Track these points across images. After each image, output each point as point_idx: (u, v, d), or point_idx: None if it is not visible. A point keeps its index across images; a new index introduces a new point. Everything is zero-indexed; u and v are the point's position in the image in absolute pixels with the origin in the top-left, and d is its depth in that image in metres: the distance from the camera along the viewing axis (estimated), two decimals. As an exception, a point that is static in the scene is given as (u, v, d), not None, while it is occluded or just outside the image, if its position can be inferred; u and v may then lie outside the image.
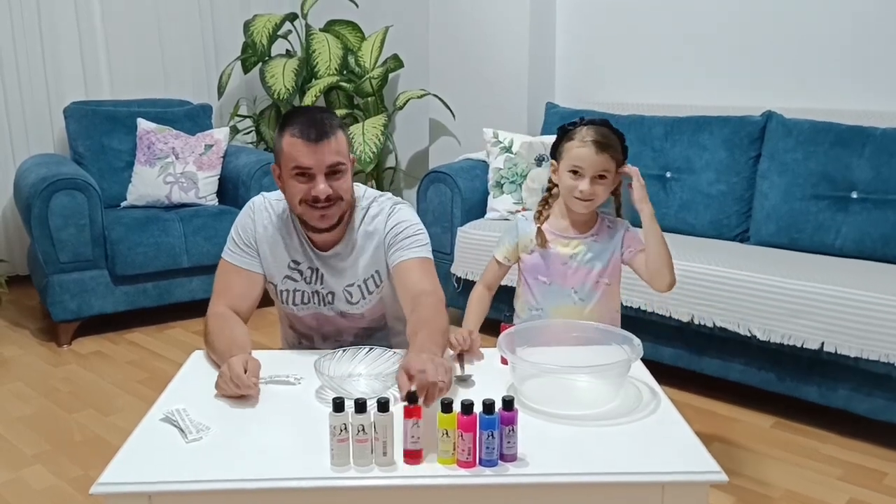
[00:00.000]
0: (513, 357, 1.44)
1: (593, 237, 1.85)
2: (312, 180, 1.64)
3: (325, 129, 1.63)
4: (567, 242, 1.86)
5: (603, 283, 1.86)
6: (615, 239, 1.86)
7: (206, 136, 3.78)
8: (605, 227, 1.87)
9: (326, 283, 1.78)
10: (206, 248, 3.49)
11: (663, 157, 3.19)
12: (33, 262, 3.51)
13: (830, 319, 2.33)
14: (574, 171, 1.79)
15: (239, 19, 4.50)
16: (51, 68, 4.04)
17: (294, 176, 1.65)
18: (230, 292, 1.76)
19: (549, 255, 1.86)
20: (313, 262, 1.78)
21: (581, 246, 1.84)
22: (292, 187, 1.67)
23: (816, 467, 2.29)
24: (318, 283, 1.79)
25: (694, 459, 1.26)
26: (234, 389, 1.45)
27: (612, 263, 1.86)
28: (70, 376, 3.00)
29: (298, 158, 1.63)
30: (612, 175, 1.81)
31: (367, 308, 1.81)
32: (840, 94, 3.05)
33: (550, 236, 1.86)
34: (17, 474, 2.28)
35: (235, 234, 1.80)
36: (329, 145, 1.63)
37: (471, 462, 1.22)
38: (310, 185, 1.64)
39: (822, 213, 2.76)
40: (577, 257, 1.84)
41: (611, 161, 1.79)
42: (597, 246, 1.85)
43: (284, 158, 1.66)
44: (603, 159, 1.77)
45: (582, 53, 3.83)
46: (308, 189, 1.64)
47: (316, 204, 1.65)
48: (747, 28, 3.27)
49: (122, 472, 1.22)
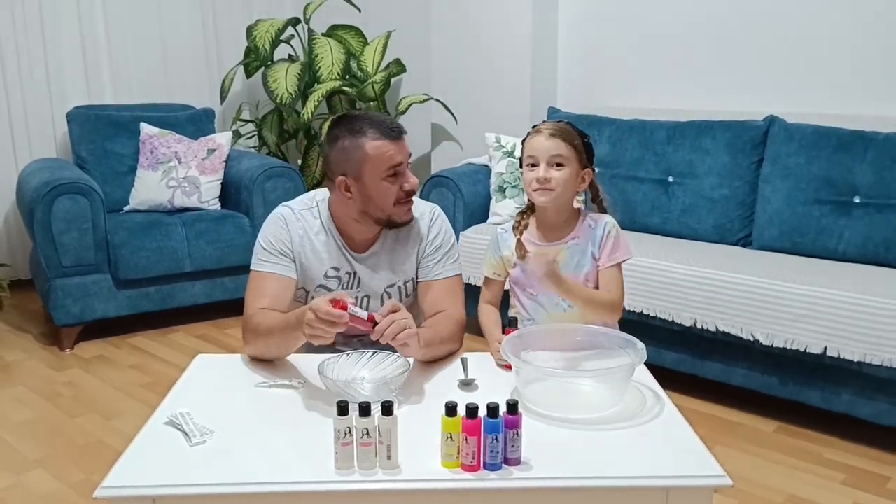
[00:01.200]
0: (517, 361, 1.44)
1: (574, 240, 1.78)
2: (402, 176, 1.70)
3: (398, 125, 1.71)
4: (545, 251, 1.77)
5: (590, 286, 1.78)
6: (596, 238, 1.77)
7: (208, 140, 3.79)
8: (587, 227, 1.79)
9: (364, 286, 1.80)
10: (209, 253, 3.49)
11: (666, 161, 3.19)
12: (36, 266, 3.51)
13: (833, 324, 2.33)
14: (531, 165, 1.74)
15: (241, 24, 4.51)
16: (54, 73, 4.05)
17: (387, 177, 1.69)
18: (266, 296, 1.72)
19: (530, 267, 1.78)
20: (352, 266, 1.80)
21: (564, 252, 1.77)
22: (385, 189, 1.69)
23: (819, 472, 2.29)
24: (355, 287, 1.80)
25: (698, 463, 1.26)
26: (330, 328, 1.43)
27: (593, 266, 1.78)
28: (72, 380, 3.01)
29: (394, 157, 1.68)
30: (573, 165, 1.73)
31: None
32: (842, 98, 3.06)
33: (531, 247, 1.79)
34: (19, 479, 2.28)
35: (266, 244, 1.77)
36: (406, 139, 1.72)
37: (475, 466, 1.22)
38: (400, 180, 1.70)
39: (824, 218, 2.76)
40: (559, 265, 1.74)
41: (565, 146, 1.71)
42: (578, 249, 1.77)
43: (374, 162, 1.67)
44: (554, 144, 1.71)
45: (584, 58, 3.84)
46: (400, 186, 1.70)
47: (409, 198, 1.73)
48: (749, 33, 3.28)
49: (127, 476, 1.22)
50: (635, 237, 3.08)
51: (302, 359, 1.72)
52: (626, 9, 3.64)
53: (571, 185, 1.75)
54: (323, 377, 1.46)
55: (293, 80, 4.04)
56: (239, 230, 3.58)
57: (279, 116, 4.35)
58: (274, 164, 3.73)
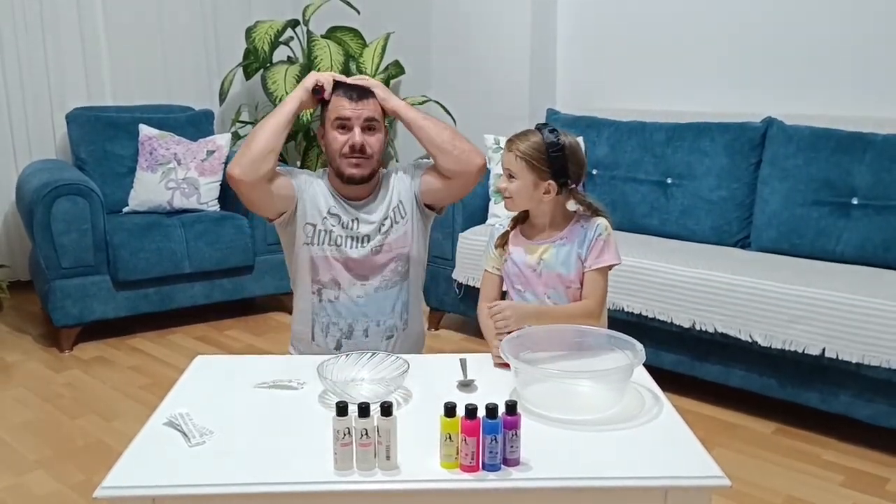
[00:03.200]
0: (516, 362, 1.45)
1: (562, 240, 1.80)
2: (350, 132, 1.88)
3: (365, 92, 1.91)
4: (535, 248, 1.82)
5: (574, 287, 1.80)
6: (585, 240, 1.79)
7: (207, 141, 3.79)
8: (578, 228, 1.81)
9: (362, 228, 1.95)
10: (208, 254, 3.50)
11: (664, 163, 3.19)
12: (35, 267, 3.51)
13: (831, 325, 2.33)
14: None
15: (241, 26, 4.51)
16: (53, 74, 4.05)
17: (336, 128, 1.90)
18: None
19: (518, 262, 1.83)
20: (349, 214, 1.96)
21: (550, 250, 1.80)
22: (333, 140, 1.90)
23: (818, 473, 2.29)
24: (355, 229, 1.95)
25: (697, 464, 1.26)
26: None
27: (578, 268, 1.80)
28: (72, 382, 3.01)
29: (340, 111, 1.89)
30: (525, 178, 1.76)
31: (395, 238, 1.96)
32: (840, 100, 3.06)
33: (520, 240, 1.85)
34: (20, 480, 2.28)
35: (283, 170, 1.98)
36: (367, 104, 1.90)
37: (474, 466, 1.22)
38: (348, 136, 1.88)
39: (822, 219, 2.76)
40: (544, 263, 1.80)
41: (515, 160, 1.76)
42: (564, 250, 1.79)
43: (329, 113, 1.92)
44: (509, 157, 1.79)
45: (583, 60, 3.84)
46: (346, 140, 1.88)
47: (353, 154, 1.88)
48: (748, 35, 3.28)
49: (126, 476, 1.23)
50: (634, 238, 3.10)
51: (301, 359, 1.73)
52: (625, 11, 3.65)
53: (526, 194, 1.79)
54: (322, 378, 1.47)
55: (292, 81, 4.04)
56: (238, 231, 3.58)
57: (278, 118, 4.35)
58: (273, 165, 3.73)
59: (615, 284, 2.75)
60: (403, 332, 2.00)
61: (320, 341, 1.96)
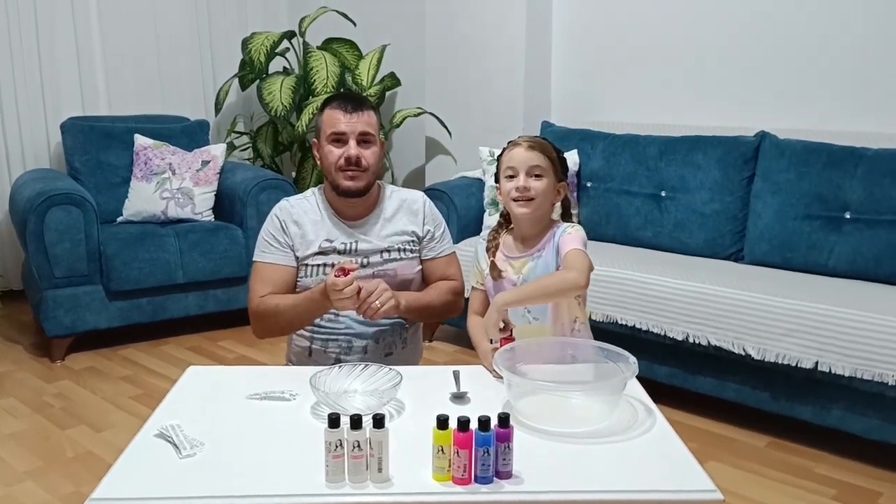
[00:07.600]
0: (508, 374, 1.44)
1: (539, 252, 1.80)
2: (346, 145, 1.88)
3: (360, 103, 1.92)
4: (515, 263, 1.81)
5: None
6: (554, 243, 1.77)
7: (202, 152, 3.79)
8: (550, 237, 1.80)
9: (361, 250, 1.94)
10: (202, 264, 3.49)
11: (658, 176, 3.21)
12: (28, 277, 3.50)
13: (824, 339, 2.34)
14: (509, 176, 1.78)
15: (237, 36, 4.53)
16: (48, 84, 4.05)
17: (331, 142, 1.90)
18: (269, 282, 1.91)
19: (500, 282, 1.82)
20: (347, 235, 1.95)
21: (529, 264, 1.79)
22: (329, 154, 1.90)
23: (811, 487, 2.29)
24: (353, 253, 1.94)
25: (689, 477, 1.26)
26: (340, 294, 1.68)
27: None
28: (63, 392, 2.99)
29: (336, 125, 1.89)
30: (550, 177, 1.77)
31: (400, 265, 1.97)
32: (832, 115, 3.08)
33: (502, 260, 1.83)
34: (8, 491, 2.27)
35: (266, 236, 1.95)
36: (362, 116, 1.90)
37: (466, 479, 1.22)
38: (343, 149, 1.88)
39: (815, 233, 2.78)
40: (523, 277, 1.78)
41: (543, 159, 1.77)
42: (542, 262, 1.79)
43: (324, 127, 1.91)
44: (533, 155, 1.76)
45: (577, 73, 3.86)
46: (342, 153, 1.87)
47: (348, 167, 1.87)
48: (741, 50, 3.31)
49: (116, 488, 1.22)
50: (628, 251, 3.11)
51: (293, 371, 1.72)
52: (620, 24, 3.67)
53: (549, 196, 1.79)
54: (314, 389, 1.46)
55: (288, 92, 4.05)
56: (232, 242, 3.58)
57: (274, 129, 4.36)
58: (268, 176, 3.74)
59: (609, 297, 2.76)
60: (403, 350, 2.00)
61: (318, 357, 1.95)
